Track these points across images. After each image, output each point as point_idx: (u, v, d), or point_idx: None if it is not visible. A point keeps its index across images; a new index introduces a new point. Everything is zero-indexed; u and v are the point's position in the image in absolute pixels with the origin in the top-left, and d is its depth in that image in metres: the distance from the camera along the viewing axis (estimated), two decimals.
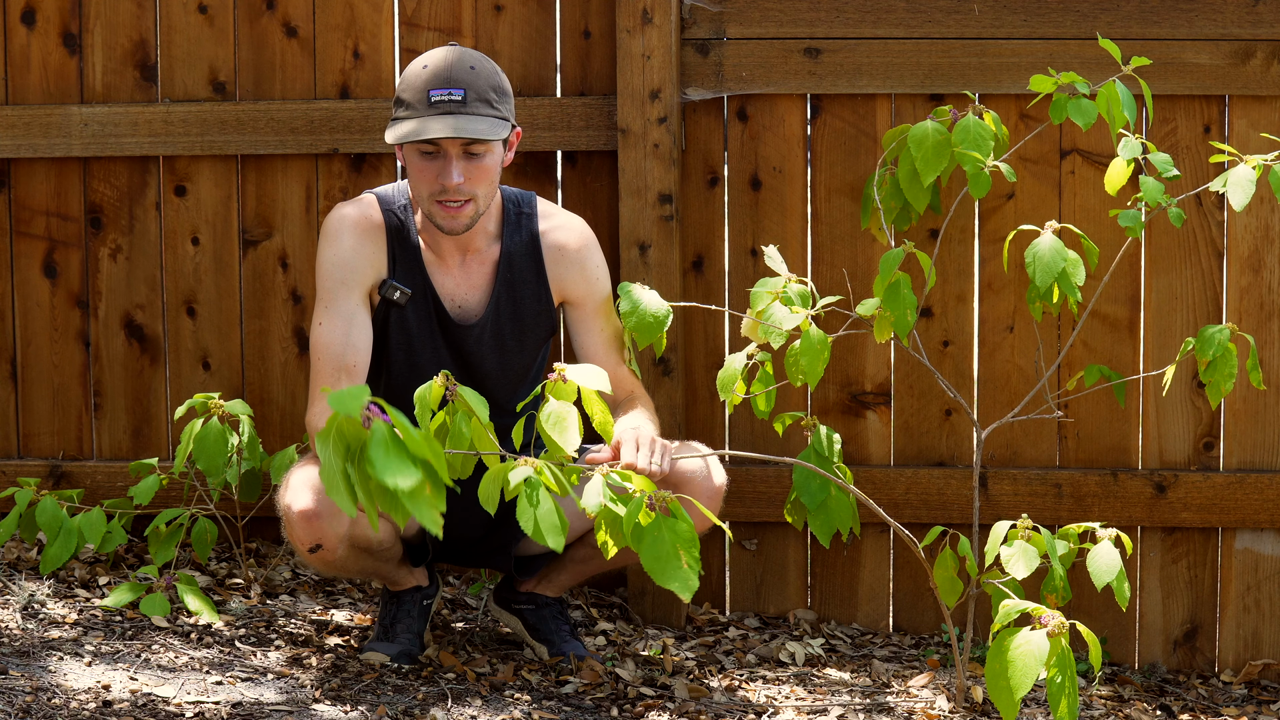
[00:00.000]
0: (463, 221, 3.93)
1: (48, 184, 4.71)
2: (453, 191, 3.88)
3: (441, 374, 3.37)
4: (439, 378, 3.36)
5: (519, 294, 4.07)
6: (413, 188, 3.94)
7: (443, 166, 3.88)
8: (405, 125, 3.88)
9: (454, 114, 3.85)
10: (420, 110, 3.87)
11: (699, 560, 3.31)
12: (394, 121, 3.90)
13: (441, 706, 3.79)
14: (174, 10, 4.65)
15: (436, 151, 3.88)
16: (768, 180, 4.56)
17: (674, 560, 3.28)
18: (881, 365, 4.58)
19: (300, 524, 3.85)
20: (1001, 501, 4.52)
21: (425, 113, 3.86)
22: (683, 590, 3.28)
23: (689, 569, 3.29)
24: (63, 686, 3.69)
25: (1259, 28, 4.40)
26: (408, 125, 3.87)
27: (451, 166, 3.87)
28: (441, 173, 3.87)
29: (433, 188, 3.89)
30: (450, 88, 3.86)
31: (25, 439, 4.77)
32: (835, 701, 4.07)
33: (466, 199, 3.90)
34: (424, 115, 3.86)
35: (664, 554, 3.29)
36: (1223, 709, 4.35)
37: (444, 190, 3.88)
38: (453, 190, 3.88)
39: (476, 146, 3.88)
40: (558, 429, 3.41)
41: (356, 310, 3.99)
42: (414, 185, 3.93)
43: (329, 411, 3.90)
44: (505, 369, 4.10)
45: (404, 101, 3.90)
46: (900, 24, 4.48)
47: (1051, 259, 3.99)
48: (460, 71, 3.88)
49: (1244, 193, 4.00)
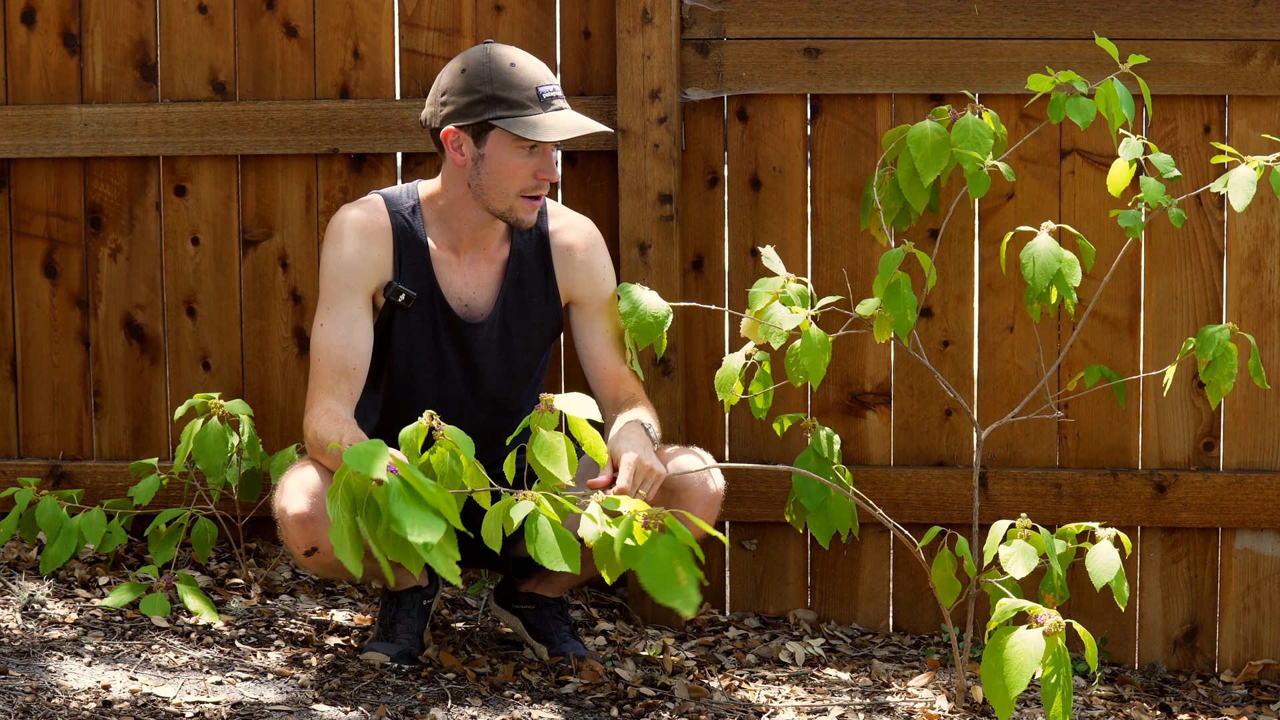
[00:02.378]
0: (535, 215, 4.01)
1: (48, 184, 4.71)
2: (545, 185, 3.98)
3: (426, 414, 3.39)
4: (424, 418, 3.39)
5: (527, 293, 4.08)
6: (497, 184, 3.96)
7: (542, 162, 3.95)
8: (528, 120, 3.91)
9: (566, 109, 3.96)
10: (536, 107, 3.92)
11: (699, 571, 3.29)
12: (500, 118, 3.90)
13: (441, 706, 3.79)
14: (174, 10, 4.65)
15: (536, 147, 3.93)
16: (768, 180, 4.56)
17: (672, 578, 3.28)
18: (881, 365, 4.58)
19: (295, 528, 3.85)
20: (1001, 501, 4.52)
21: (543, 109, 3.93)
22: (685, 607, 3.27)
23: (689, 584, 3.28)
24: (63, 686, 3.69)
25: (1259, 28, 4.40)
26: (533, 120, 3.91)
27: (552, 159, 3.97)
28: (541, 168, 3.95)
29: (526, 183, 3.96)
30: (552, 83, 3.96)
31: (25, 439, 4.77)
32: (835, 701, 4.07)
33: (544, 193, 4.01)
34: (545, 111, 3.93)
35: (662, 572, 3.28)
36: (1223, 709, 4.35)
37: (538, 185, 3.96)
38: (546, 184, 3.98)
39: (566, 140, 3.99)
40: (550, 459, 3.45)
41: (359, 313, 3.99)
42: (502, 181, 3.95)
43: (328, 414, 3.90)
44: (510, 368, 4.11)
45: (505, 100, 3.91)
46: (900, 24, 4.48)
47: (1047, 260, 3.98)
48: (545, 68, 3.98)
49: (1245, 194, 4.00)
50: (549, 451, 3.45)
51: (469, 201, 4.00)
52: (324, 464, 3.90)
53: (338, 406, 3.93)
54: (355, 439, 3.81)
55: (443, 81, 3.98)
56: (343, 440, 3.81)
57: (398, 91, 4.63)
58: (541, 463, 3.44)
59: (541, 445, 3.45)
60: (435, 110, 3.98)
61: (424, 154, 4.60)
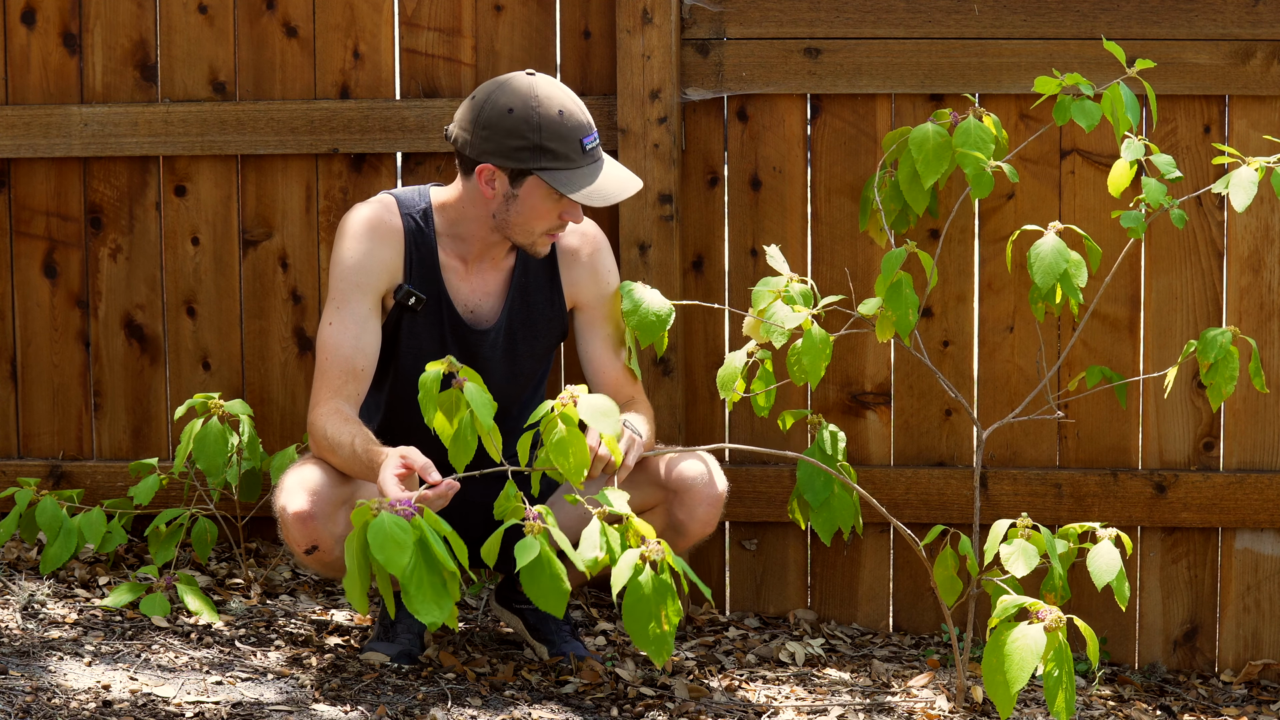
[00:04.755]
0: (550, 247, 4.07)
1: (48, 184, 4.70)
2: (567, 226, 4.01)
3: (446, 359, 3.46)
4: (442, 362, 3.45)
5: (533, 299, 4.09)
6: (523, 223, 3.97)
7: (571, 208, 3.97)
8: (578, 177, 3.93)
9: (602, 159, 3.98)
10: (579, 160, 3.93)
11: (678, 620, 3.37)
12: (544, 170, 3.91)
13: (441, 706, 3.79)
14: (174, 10, 4.64)
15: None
16: (768, 180, 4.56)
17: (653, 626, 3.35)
18: (881, 365, 4.58)
19: (295, 525, 3.85)
20: (1001, 501, 4.52)
21: (585, 162, 3.94)
22: (656, 655, 3.37)
23: (666, 632, 3.35)
24: (63, 686, 3.69)
25: (1259, 28, 4.40)
26: (582, 177, 3.93)
27: (580, 207, 3.98)
28: (569, 211, 3.97)
29: (552, 224, 3.98)
30: (593, 134, 3.96)
31: (25, 439, 4.77)
32: (835, 701, 4.07)
33: None
34: (584, 165, 3.94)
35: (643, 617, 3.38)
36: (1223, 709, 4.35)
37: (562, 225, 3.99)
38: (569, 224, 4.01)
39: None
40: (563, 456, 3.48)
41: (368, 314, 4.00)
42: (529, 220, 3.97)
43: (337, 414, 3.91)
44: (515, 375, 4.12)
45: (550, 150, 3.91)
46: (900, 24, 4.48)
47: (1054, 260, 3.98)
48: (587, 114, 3.98)
49: (1246, 195, 4.01)
50: (564, 449, 3.48)
51: (486, 225, 4.01)
52: (333, 463, 3.90)
53: (345, 407, 3.93)
54: (365, 441, 3.81)
55: (484, 114, 3.92)
56: (354, 443, 3.81)
57: (398, 91, 4.63)
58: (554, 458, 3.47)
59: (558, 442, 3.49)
60: (470, 138, 3.94)
61: (424, 154, 4.60)
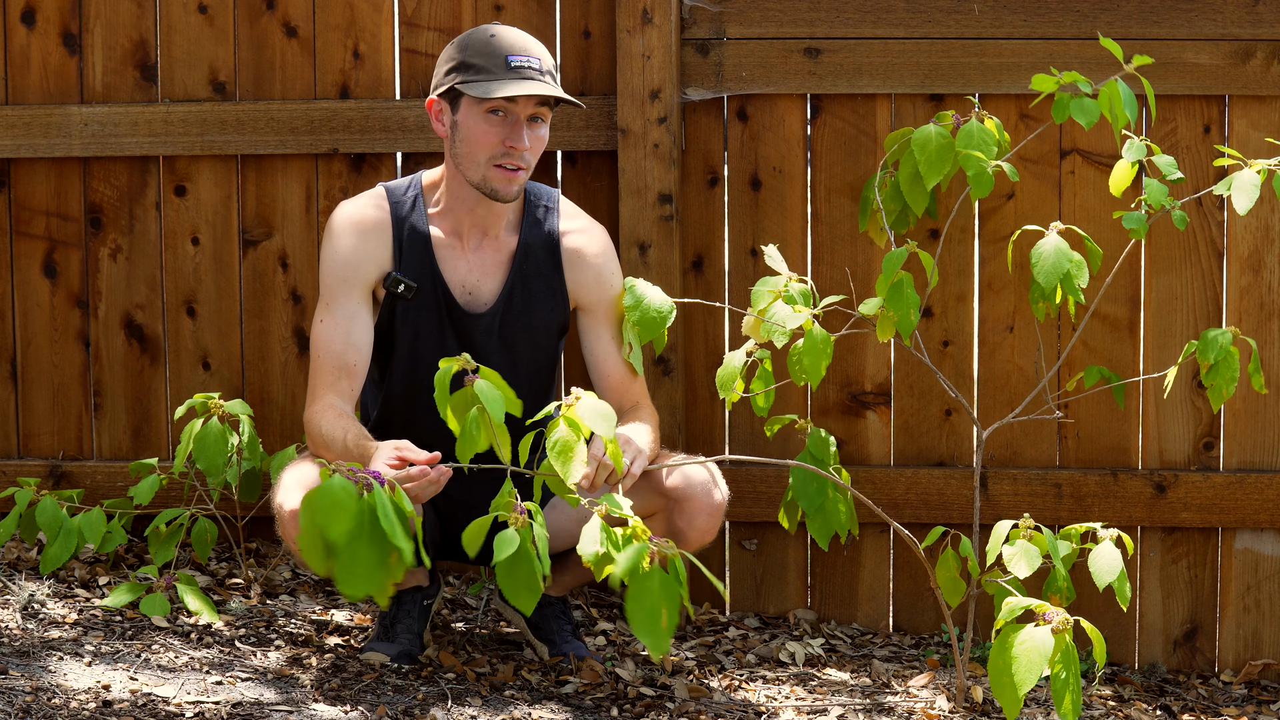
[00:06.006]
0: (514, 188, 3.97)
1: (48, 184, 4.70)
2: (516, 156, 3.93)
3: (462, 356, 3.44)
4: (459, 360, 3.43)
5: (532, 287, 4.08)
6: (469, 152, 3.95)
7: (511, 129, 3.92)
8: (488, 84, 3.90)
9: (533, 79, 3.91)
10: (499, 73, 3.90)
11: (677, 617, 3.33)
12: (463, 83, 3.91)
13: (441, 706, 3.79)
14: (174, 10, 4.64)
15: (505, 115, 3.92)
16: (768, 180, 4.56)
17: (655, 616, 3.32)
18: (881, 365, 4.58)
19: (293, 524, 3.85)
20: (1001, 501, 4.52)
21: (505, 75, 3.90)
22: (654, 648, 3.32)
23: (666, 628, 3.32)
24: (63, 686, 3.69)
25: (1259, 28, 4.40)
26: (491, 84, 3.90)
27: (522, 129, 3.93)
28: (510, 135, 3.92)
29: (494, 150, 3.93)
30: (528, 55, 3.92)
31: (25, 439, 4.77)
32: (835, 702, 4.07)
33: (522, 165, 3.96)
34: (504, 78, 3.90)
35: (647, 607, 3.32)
36: (1223, 709, 4.35)
37: (507, 153, 3.93)
38: (517, 154, 3.93)
39: (541, 114, 3.95)
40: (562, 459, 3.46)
41: (358, 309, 4.00)
42: (472, 149, 3.95)
43: (331, 410, 3.92)
44: (514, 363, 4.08)
45: (472, 65, 3.91)
46: (900, 24, 4.48)
47: (1057, 260, 3.98)
48: (532, 44, 3.96)
49: (1249, 197, 4.01)
50: (565, 451, 3.48)
51: (462, 182, 4.01)
52: (328, 459, 3.90)
53: (340, 403, 3.94)
54: (359, 436, 3.83)
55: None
56: (347, 438, 3.82)
57: (398, 91, 4.63)
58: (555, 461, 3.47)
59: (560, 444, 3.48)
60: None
61: (424, 154, 4.60)
